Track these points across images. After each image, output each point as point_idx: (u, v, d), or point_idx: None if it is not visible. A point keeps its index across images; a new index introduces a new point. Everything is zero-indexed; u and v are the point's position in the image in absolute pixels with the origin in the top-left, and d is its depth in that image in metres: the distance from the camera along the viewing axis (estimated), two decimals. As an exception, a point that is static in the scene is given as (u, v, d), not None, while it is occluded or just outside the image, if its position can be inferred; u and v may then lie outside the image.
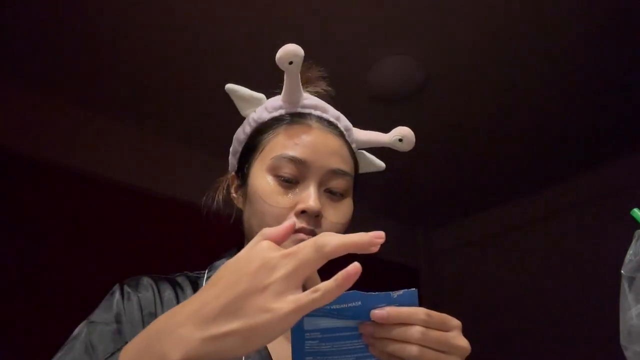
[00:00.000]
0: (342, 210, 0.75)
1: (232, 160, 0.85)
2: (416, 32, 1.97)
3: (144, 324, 0.67)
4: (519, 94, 2.29)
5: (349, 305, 0.53)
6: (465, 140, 2.58)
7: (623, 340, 0.62)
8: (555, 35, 1.98)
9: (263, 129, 0.79)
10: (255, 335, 0.43)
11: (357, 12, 1.85)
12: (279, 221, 0.69)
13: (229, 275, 0.46)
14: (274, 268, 0.44)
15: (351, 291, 0.51)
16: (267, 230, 0.49)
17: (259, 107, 0.82)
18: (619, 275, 0.64)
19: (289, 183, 0.73)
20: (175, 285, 0.74)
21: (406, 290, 0.54)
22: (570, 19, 1.90)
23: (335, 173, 0.74)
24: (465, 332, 0.56)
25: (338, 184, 0.75)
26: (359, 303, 0.53)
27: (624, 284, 0.63)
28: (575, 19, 1.91)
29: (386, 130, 0.88)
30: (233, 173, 0.84)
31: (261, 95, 0.83)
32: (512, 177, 2.87)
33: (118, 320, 0.66)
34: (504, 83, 2.22)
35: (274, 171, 0.73)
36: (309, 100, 0.80)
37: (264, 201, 0.72)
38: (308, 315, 0.51)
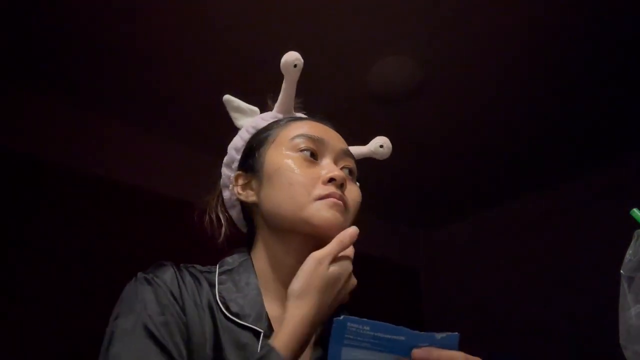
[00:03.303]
0: (356, 190, 0.80)
1: (226, 171, 0.86)
2: (416, 33, 1.97)
3: (176, 311, 0.68)
4: (518, 94, 2.28)
5: (393, 337, 0.58)
6: (465, 140, 2.58)
7: (622, 340, 0.62)
8: (555, 36, 1.98)
9: (267, 127, 0.84)
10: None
11: (357, 12, 1.85)
12: (307, 190, 0.74)
13: (314, 291, 0.65)
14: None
15: (399, 326, 0.54)
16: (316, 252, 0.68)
17: (253, 117, 0.88)
18: (619, 275, 0.64)
19: (311, 158, 0.77)
20: (192, 276, 0.74)
21: (450, 333, 0.60)
22: (570, 20, 1.90)
23: (346, 153, 0.81)
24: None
25: (350, 163, 0.81)
26: (403, 338, 0.58)
27: (624, 284, 0.63)
28: (575, 20, 1.91)
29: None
30: (237, 173, 0.83)
31: (256, 108, 0.90)
32: (512, 177, 2.87)
33: (170, 313, 0.67)
34: (504, 83, 2.22)
35: (296, 148, 0.77)
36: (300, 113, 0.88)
37: (291, 172, 0.75)
38: (346, 345, 0.57)
